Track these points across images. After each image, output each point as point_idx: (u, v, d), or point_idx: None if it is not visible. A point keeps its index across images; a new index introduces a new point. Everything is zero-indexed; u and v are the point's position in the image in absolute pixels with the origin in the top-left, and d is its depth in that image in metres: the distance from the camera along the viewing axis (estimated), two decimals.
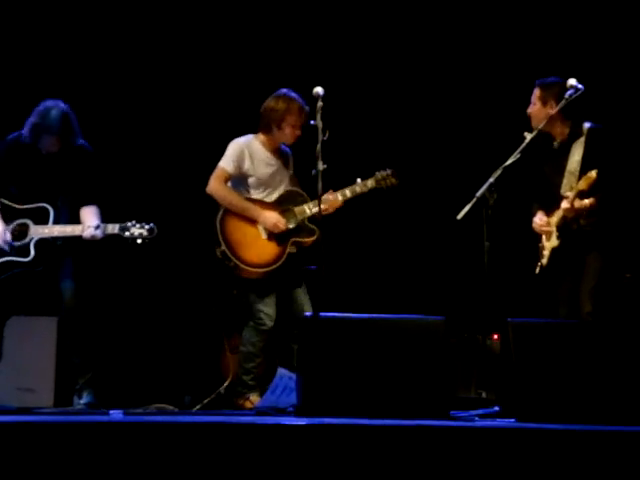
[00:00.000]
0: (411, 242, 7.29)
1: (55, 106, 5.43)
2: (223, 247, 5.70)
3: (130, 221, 5.46)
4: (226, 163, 5.80)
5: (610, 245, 5.53)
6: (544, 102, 5.58)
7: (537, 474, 3.88)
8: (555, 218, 5.55)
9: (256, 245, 5.74)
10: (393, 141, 7.35)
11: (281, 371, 5.20)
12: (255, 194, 5.84)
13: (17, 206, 5.46)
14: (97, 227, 5.40)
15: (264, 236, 5.76)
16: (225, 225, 5.75)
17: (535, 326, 4.88)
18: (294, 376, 4.97)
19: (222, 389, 6.02)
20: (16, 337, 5.89)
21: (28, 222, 5.43)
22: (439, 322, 4.74)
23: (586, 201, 5.40)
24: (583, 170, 5.43)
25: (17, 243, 5.37)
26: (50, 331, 6.03)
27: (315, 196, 5.44)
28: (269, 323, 5.70)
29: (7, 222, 5.43)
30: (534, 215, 5.68)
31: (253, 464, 3.74)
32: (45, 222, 5.43)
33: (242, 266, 5.69)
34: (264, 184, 5.83)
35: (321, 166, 5.25)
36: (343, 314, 4.75)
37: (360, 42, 7.31)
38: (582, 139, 5.54)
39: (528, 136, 5.52)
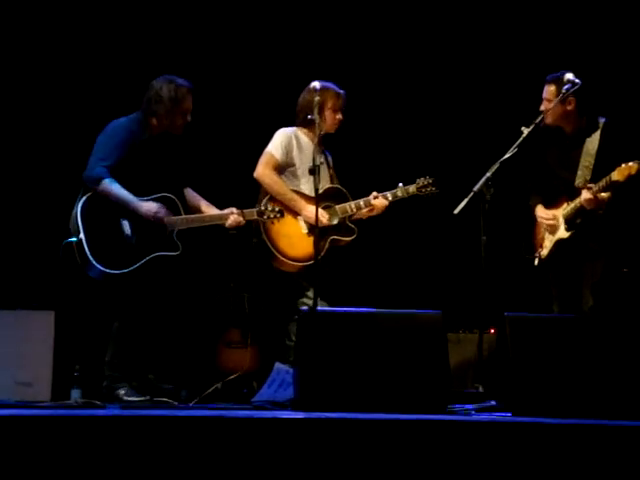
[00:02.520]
0: (408, 236, 7.29)
1: (185, 82, 5.43)
2: (264, 236, 5.64)
3: (261, 205, 5.53)
4: (275, 149, 5.72)
5: (615, 241, 5.57)
6: (562, 99, 5.57)
7: (533, 468, 3.89)
8: (563, 210, 5.57)
9: (296, 238, 5.67)
10: (391, 136, 7.35)
11: (278, 365, 5.20)
12: (298, 185, 5.76)
13: (143, 198, 5.40)
14: (240, 213, 5.47)
15: (305, 230, 5.70)
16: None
17: (532, 320, 4.89)
18: (291, 370, 4.98)
19: (219, 385, 6.01)
20: (14, 331, 5.89)
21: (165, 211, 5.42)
22: (436, 316, 4.75)
23: (604, 194, 5.41)
24: (599, 163, 5.47)
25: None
26: (48, 325, 6.02)
27: (355, 196, 5.57)
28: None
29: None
30: (534, 207, 5.70)
31: (250, 458, 3.75)
32: (175, 212, 5.41)
33: (280, 258, 5.63)
34: (307, 176, 5.65)
35: (318, 160, 5.24)
36: (340, 308, 4.75)
37: (359, 35, 7.31)
38: (597, 133, 5.57)
39: (525, 130, 5.53)
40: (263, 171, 5.70)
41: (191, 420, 3.88)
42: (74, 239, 5.29)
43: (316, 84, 5.53)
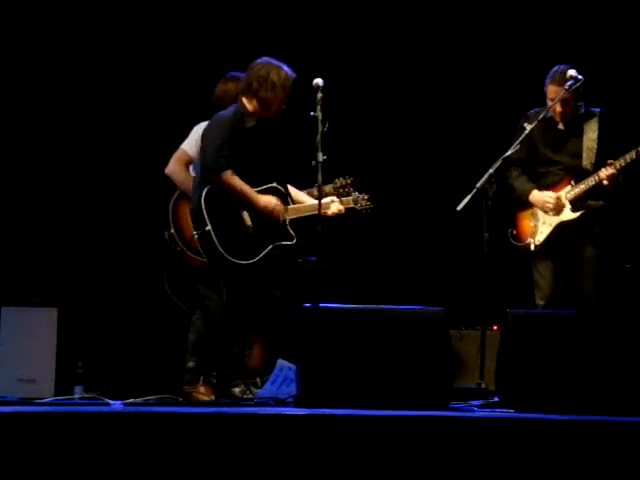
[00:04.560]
0: (411, 233, 7.29)
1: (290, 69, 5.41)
2: (172, 230, 5.58)
3: (356, 193, 5.58)
4: (188, 146, 5.65)
5: (614, 229, 5.62)
6: (577, 95, 5.61)
7: (535, 464, 3.89)
8: (567, 192, 5.58)
9: None
10: (393, 132, 7.35)
11: (281, 362, 5.20)
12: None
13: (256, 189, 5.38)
14: (340, 202, 5.50)
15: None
16: (177, 209, 5.63)
17: (535, 317, 4.89)
18: (294, 367, 4.98)
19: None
20: (17, 327, 5.91)
21: (278, 202, 5.39)
22: (439, 313, 4.75)
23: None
24: (601, 148, 5.57)
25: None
26: (51, 321, 6.03)
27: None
28: (219, 310, 5.57)
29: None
30: (527, 194, 5.68)
31: (253, 454, 3.75)
32: (283, 203, 5.40)
33: (188, 253, 5.57)
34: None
35: (321, 157, 5.24)
36: (343, 305, 4.75)
37: (358, 32, 7.30)
38: (594, 120, 5.64)
39: (528, 127, 5.54)
40: (173, 167, 5.65)
41: (194, 417, 3.88)
42: (197, 231, 5.28)
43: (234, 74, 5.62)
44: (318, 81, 5.41)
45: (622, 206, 6.13)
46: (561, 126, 5.71)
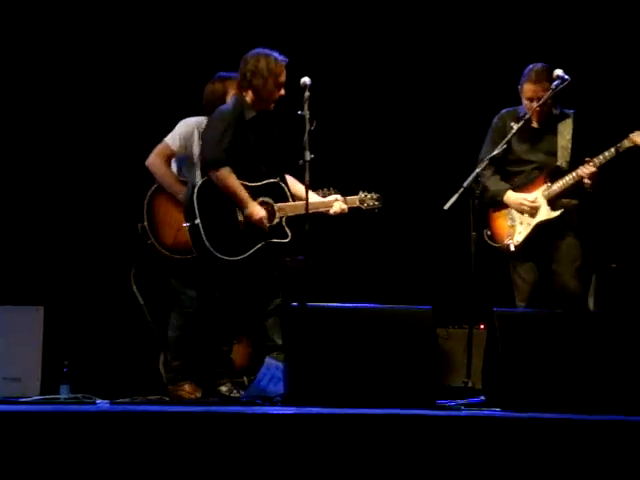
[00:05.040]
0: (398, 232, 7.30)
1: (281, 56, 5.41)
2: (145, 223, 5.54)
3: (362, 191, 5.52)
4: (172, 140, 5.62)
5: (591, 224, 5.64)
6: (552, 95, 5.62)
7: (522, 463, 3.90)
8: (544, 191, 5.58)
9: (178, 228, 5.52)
10: (379, 131, 7.35)
11: (268, 361, 5.20)
12: (193, 178, 5.55)
13: (251, 184, 5.35)
14: (344, 201, 5.45)
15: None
16: (153, 202, 5.59)
17: (521, 316, 4.91)
18: (281, 365, 4.98)
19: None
20: (2, 326, 5.87)
21: (270, 200, 5.38)
22: (426, 312, 4.76)
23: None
24: (575, 147, 5.57)
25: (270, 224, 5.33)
26: (37, 320, 6.00)
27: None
28: (194, 306, 5.56)
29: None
30: (501, 195, 5.66)
31: (241, 453, 3.75)
32: (282, 199, 5.38)
33: (157, 246, 5.54)
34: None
35: (308, 156, 5.24)
36: (330, 304, 4.75)
37: (346, 30, 7.29)
38: (569, 120, 5.65)
39: (515, 126, 5.56)
40: (153, 160, 5.61)
41: (181, 416, 3.88)
42: (187, 223, 5.28)
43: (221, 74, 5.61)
44: (305, 80, 5.42)
45: (606, 205, 6.18)
46: (535, 125, 5.69)
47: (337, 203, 5.55)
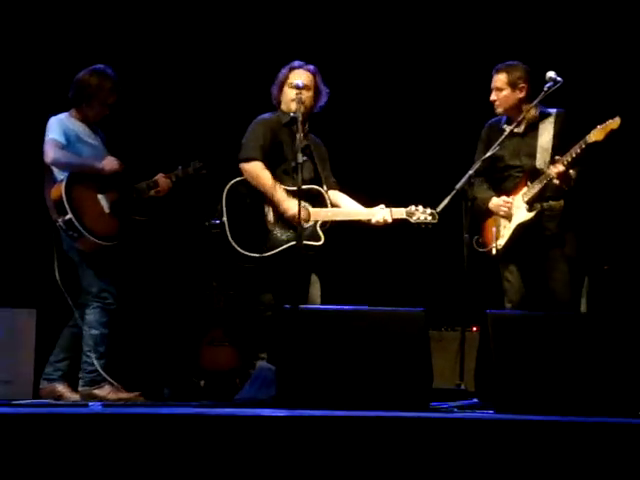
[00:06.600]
0: (390, 234, 7.29)
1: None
2: (69, 216, 5.43)
3: (414, 205, 5.46)
4: (57, 135, 5.56)
5: (581, 227, 5.61)
6: (513, 86, 5.60)
7: (515, 465, 3.90)
8: (524, 194, 5.55)
9: (102, 217, 5.54)
10: (372, 133, 7.36)
11: (261, 364, 5.20)
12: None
13: (290, 188, 5.37)
14: (390, 212, 5.43)
15: (107, 209, 5.57)
16: (72, 193, 5.49)
17: (514, 318, 4.91)
18: (273, 368, 4.98)
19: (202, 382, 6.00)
20: None
21: (306, 204, 5.38)
22: (419, 314, 4.75)
23: (572, 171, 5.43)
24: (557, 146, 5.48)
25: (306, 225, 5.34)
26: (29, 323, 6.00)
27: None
28: (114, 302, 5.55)
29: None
30: (486, 202, 5.64)
31: (232, 456, 3.75)
32: (320, 206, 5.41)
33: (91, 237, 5.45)
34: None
35: (301, 158, 5.23)
36: (323, 306, 4.75)
37: (340, 29, 7.32)
38: (551, 119, 5.60)
39: (507, 128, 5.55)
40: (54, 155, 5.52)
41: (173, 418, 3.87)
42: (217, 221, 5.33)
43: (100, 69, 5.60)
44: (298, 82, 5.43)
45: (598, 206, 6.17)
46: (517, 129, 5.63)
47: (381, 213, 5.48)
